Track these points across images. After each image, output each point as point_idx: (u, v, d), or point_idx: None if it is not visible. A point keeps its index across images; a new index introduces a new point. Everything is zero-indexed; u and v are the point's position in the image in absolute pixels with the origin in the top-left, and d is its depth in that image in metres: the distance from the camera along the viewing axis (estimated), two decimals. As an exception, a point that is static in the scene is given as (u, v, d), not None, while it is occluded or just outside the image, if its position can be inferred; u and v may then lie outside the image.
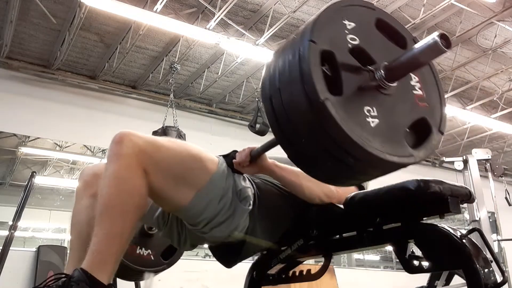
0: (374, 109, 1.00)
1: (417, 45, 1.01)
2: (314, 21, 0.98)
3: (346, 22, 1.02)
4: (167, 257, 2.50)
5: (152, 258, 2.45)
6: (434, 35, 0.94)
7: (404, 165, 1.02)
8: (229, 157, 1.41)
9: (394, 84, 1.03)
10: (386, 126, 1.01)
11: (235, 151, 1.42)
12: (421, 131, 1.08)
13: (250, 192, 1.39)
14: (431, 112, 1.11)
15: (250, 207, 1.37)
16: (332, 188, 1.46)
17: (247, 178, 1.45)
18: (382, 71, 1.01)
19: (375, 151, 0.96)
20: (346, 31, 1.02)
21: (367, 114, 0.99)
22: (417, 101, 1.10)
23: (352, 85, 0.99)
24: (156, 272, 2.48)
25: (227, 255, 1.50)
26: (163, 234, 1.48)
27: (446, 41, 0.94)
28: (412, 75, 1.12)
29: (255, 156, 1.37)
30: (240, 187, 1.37)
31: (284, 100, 0.99)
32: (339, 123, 0.92)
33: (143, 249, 2.44)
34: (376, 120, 1.00)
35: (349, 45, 1.01)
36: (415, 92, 1.11)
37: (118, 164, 1.17)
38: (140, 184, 1.17)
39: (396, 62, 1.02)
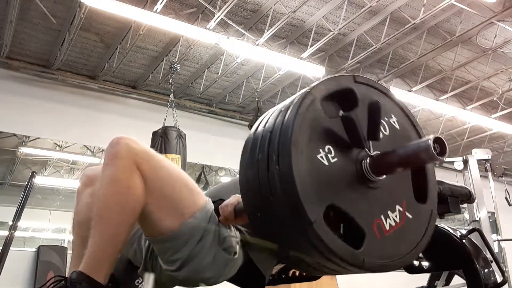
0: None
1: (407, 147, 0.96)
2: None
3: (320, 155, 0.96)
4: None
5: None
6: (428, 139, 0.88)
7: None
8: (216, 204, 1.34)
9: (382, 177, 0.99)
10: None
11: (221, 200, 1.34)
12: (419, 173, 1.07)
13: (235, 241, 1.32)
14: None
15: (236, 256, 1.31)
16: None
17: (233, 226, 1.38)
18: (368, 165, 0.98)
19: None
20: (326, 162, 0.96)
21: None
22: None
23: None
24: None
25: (251, 280, 1.44)
26: (140, 271, 1.43)
27: (441, 147, 0.88)
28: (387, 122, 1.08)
29: (240, 211, 1.26)
30: (224, 235, 1.30)
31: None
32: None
33: None
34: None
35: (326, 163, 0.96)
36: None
37: (115, 166, 1.17)
38: (135, 185, 1.17)
39: (382, 159, 0.98)
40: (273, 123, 0.97)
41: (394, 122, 1.09)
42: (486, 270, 1.17)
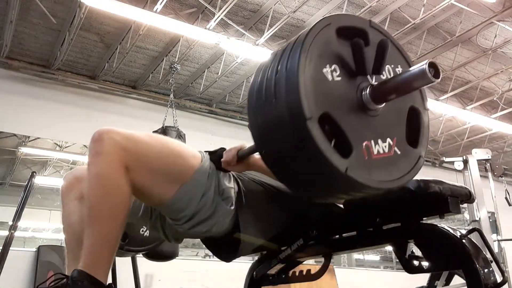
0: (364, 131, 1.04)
1: (405, 72, 1.04)
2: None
3: (325, 70, 1.03)
4: None
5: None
6: (424, 64, 0.95)
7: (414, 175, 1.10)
8: (215, 155, 1.40)
9: (381, 106, 1.07)
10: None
11: (222, 149, 1.41)
12: (413, 119, 1.14)
13: (233, 192, 1.38)
14: (412, 96, 1.15)
15: (232, 207, 1.36)
16: None
17: (233, 176, 1.44)
18: (368, 94, 1.05)
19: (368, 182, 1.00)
20: (330, 77, 1.04)
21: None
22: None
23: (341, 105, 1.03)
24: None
25: (224, 250, 1.49)
26: (149, 228, 1.49)
27: (435, 70, 0.95)
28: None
29: (243, 156, 1.36)
30: (223, 186, 1.36)
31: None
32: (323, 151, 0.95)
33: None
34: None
35: (335, 79, 1.04)
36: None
37: (100, 164, 1.16)
38: (123, 183, 1.17)
39: (382, 87, 1.05)
40: (293, 39, 1.07)
41: (399, 71, 1.16)
42: (486, 270, 1.17)
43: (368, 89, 1.05)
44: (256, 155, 1.39)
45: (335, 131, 1.01)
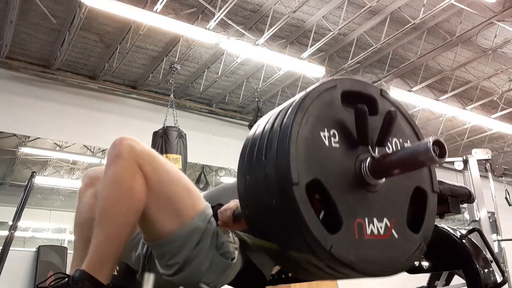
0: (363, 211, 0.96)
1: (409, 147, 0.96)
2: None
3: (323, 134, 0.96)
4: None
5: None
6: (428, 141, 0.86)
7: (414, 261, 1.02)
8: (214, 208, 1.35)
9: (382, 181, 0.98)
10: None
11: (220, 205, 1.34)
12: (417, 201, 1.05)
13: (233, 247, 1.33)
14: (417, 172, 1.05)
15: (234, 262, 1.31)
16: None
17: (231, 231, 1.38)
18: (367, 167, 0.97)
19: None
20: (327, 143, 0.97)
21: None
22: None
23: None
24: None
25: (252, 282, 1.45)
26: (138, 276, 1.43)
27: (440, 148, 0.86)
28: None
29: (239, 216, 1.25)
30: (221, 240, 1.30)
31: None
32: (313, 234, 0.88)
33: None
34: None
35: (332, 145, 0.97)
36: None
37: (118, 166, 1.18)
38: (138, 186, 1.18)
39: (383, 160, 0.97)
40: (296, 97, 1.01)
41: (407, 146, 1.07)
42: (486, 270, 1.17)
43: (367, 161, 0.97)
44: None
45: (326, 202, 0.93)
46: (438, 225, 1.27)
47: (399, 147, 1.05)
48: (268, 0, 5.16)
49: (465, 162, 4.86)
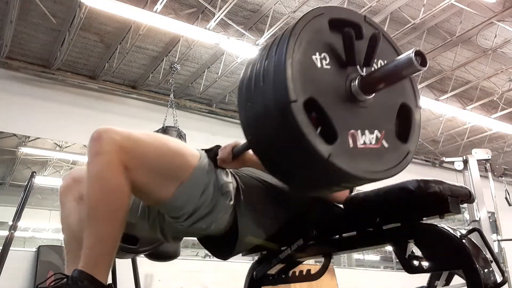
0: (354, 122, 1.04)
1: (392, 61, 1.03)
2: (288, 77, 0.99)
3: (315, 56, 1.03)
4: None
5: None
6: (410, 52, 0.96)
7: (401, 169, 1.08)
8: (211, 152, 1.40)
9: (371, 97, 1.06)
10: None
11: (218, 146, 1.41)
12: (404, 116, 1.13)
13: (232, 187, 1.38)
14: (402, 90, 1.15)
15: (231, 202, 1.35)
16: None
17: (230, 172, 1.44)
18: (357, 84, 1.04)
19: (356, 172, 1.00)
20: (319, 64, 1.03)
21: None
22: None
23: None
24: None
25: (220, 248, 1.49)
26: (148, 228, 1.47)
27: (422, 58, 0.96)
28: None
29: (238, 153, 1.35)
30: (221, 182, 1.35)
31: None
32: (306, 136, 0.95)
33: None
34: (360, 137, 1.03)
35: (324, 67, 1.04)
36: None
37: (99, 163, 1.16)
38: (122, 182, 1.16)
39: (370, 76, 1.05)
40: (285, 29, 1.08)
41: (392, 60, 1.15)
42: (486, 270, 1.17)
43: (357, 80, 1.04)
44: (251, 151, 1.37)
45: (321, 118, 1.00)
46: (438, 225, 1.26)
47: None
48: (268, 0, 5.16)
49: (465, 162, 4.86)
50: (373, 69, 1.09)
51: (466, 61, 6.42)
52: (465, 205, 4.43)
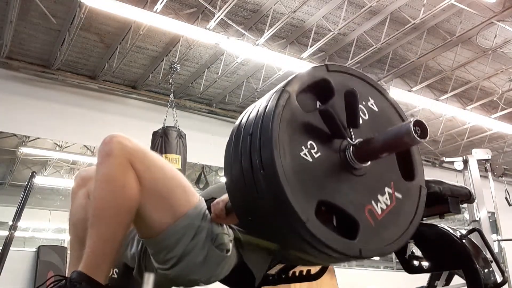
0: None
1: (389, 131, 0.96)
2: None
3: (303, 152, 0.96)
4: None
5: None
6: (409, 123, 0.89)
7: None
8: (208, 202, 1.35)
9: (367, 164, 1.00)
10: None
11: (212, 200, 1.35)
12: (403, 154, 1.07)
13: (227, 239, 1.32)
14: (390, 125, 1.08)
15: (228, 254, 1.30)
16: None
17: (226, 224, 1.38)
18: (351, 153, 0.98)
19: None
20: (310, 158, 0.96)
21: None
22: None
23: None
24: None
25: (242, 281, 1.44)
26: (134, 273, 1.41)
27: (421, 129, 0.89)
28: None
29: (231, 209, 1.24)
30: (216, 232, 1.30)
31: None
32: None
33: None
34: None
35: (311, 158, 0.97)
36: None
37: (109, 165, 1.16)
38: (131, 184, 1.16)
39: (366, 145, 0.98)
40: (252, 125, 0.97)
41: (372, 104, 1.09)
42: (486, 270, 1.17)
43: (351, 149, 0.98)
44: None
45: (334, 210, 0.94)
46: (438, 225, 1.26)
47: (366, 113, 1.06)
48: (268, 0, 5.16)
49: (465, 162, 4.86)
50: (360, 121, 1.02)
51: (466, 61, 6.42)
52: (465, 205, 4.43)
